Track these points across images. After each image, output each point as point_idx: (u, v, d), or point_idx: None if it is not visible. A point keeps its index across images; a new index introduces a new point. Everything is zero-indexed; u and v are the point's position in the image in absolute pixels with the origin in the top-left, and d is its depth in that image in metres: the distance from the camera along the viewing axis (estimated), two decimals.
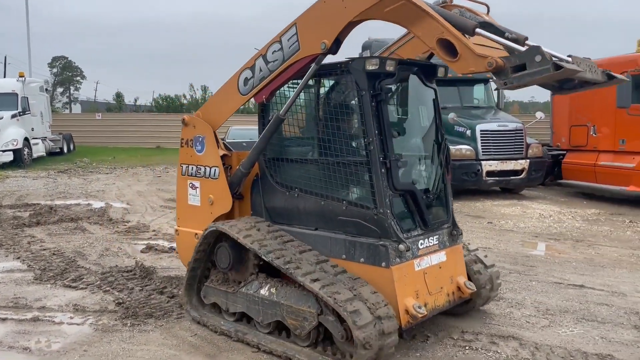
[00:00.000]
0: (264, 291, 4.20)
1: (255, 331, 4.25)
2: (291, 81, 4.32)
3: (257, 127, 4.59)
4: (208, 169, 4.84)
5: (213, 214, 4.82)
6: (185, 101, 40.66)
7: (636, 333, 4.54)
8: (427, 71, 4.41)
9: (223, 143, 4.99)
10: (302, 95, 4.28)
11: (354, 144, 4.11)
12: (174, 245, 6.57)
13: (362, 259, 3.98)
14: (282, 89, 4.41)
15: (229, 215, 4.80)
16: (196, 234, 4.86)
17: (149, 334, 4.43)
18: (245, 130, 21.19)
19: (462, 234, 4.50)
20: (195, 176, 4.96)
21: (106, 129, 30.59)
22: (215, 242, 4.57)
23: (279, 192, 4.54)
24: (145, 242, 7.68)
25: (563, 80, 3.39)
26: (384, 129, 3.95)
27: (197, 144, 4.92)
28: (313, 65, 4.04)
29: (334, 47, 3.93)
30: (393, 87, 4.10)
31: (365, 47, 14.07)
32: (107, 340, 4.32)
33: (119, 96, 48.66)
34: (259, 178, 4.70)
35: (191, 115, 5.07)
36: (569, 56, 3.42)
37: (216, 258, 4.52)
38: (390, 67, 3.93)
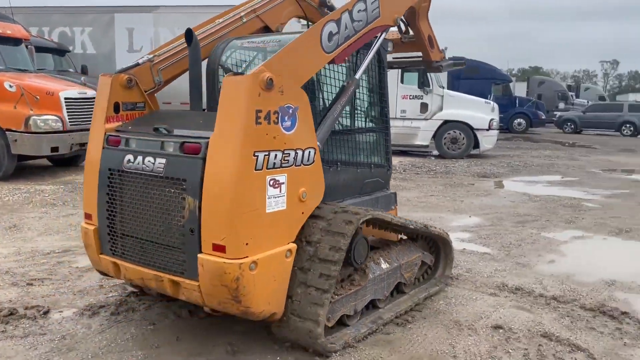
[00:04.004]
0: (384, 265, 4.06)
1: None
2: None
3: None
4: (300, 152, 3.29)
5: (305, 214, 3.42)
6: None
7: None
8: None
9: None
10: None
11: None
12: None
13: None
14: None
15: None
16: (289, 250, 3.31)
17: None
18: None
19: None
20: (282, 167, 3.17)
21: None
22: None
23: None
24: None
25: None
26: None
27: (286, 118, 3.15)
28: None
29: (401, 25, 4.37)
30: None
31: None
32: None
33: None
34: None
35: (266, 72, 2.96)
36: None
37: (355, 253, 3.61)
38: None
